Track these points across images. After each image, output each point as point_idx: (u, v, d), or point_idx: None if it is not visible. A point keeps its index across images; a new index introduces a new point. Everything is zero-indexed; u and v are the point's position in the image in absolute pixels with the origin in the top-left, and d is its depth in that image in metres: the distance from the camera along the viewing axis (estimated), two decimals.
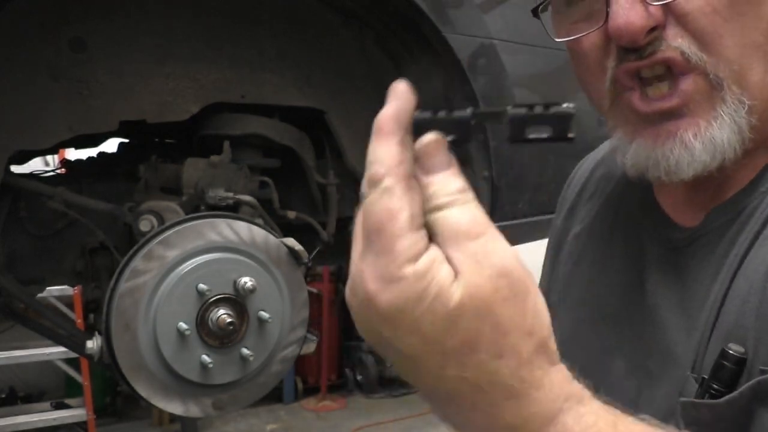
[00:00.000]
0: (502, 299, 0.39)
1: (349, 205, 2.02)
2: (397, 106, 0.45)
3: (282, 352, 1.58)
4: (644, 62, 0.58)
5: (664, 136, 0.59)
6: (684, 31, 0.57)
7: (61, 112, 1.55)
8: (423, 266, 0.39)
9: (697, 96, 0.58)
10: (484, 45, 1.68)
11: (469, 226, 0.40)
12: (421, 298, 0.39)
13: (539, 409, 0.41)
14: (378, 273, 0.40)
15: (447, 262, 0.40)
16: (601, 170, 0.82)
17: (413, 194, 0.40)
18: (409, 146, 0.42)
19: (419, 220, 0.40)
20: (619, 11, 0.56)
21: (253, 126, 1.76)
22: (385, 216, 0.40)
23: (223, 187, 1.67)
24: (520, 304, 0.40)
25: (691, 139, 0.58)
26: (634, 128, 0.62)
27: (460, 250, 0.40)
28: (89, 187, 1.79)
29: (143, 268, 1.43)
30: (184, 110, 1.67)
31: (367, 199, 0.41)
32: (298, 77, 1.78)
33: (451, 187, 0.41)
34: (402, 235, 0.39)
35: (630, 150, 0.62)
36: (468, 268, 0.39)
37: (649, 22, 0.56)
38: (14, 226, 1.72)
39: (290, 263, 1.57)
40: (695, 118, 0.58)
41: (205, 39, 1.67)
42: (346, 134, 1.85)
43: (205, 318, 1.45)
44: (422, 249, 0.39)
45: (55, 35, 1.53)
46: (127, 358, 1.42)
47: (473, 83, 1.64)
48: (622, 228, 0.73)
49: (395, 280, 0.39)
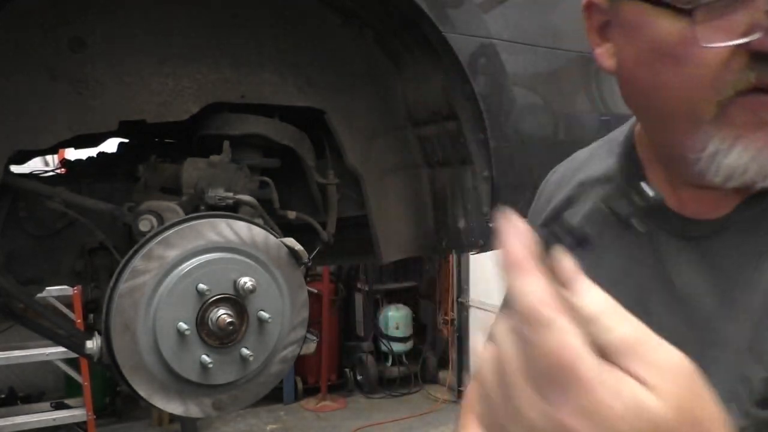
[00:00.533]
0: (693, 396, 0.40)
1: (349, 205, 2.02)
2: (518, 233, 0.42)
3: (282, 352, 1.58)
4: None
5: None
6: None
7: (61, 112, 1.55)
8: (611, 382, 0.38)
9: None
10: (484, 45, 1.67)
11: (636, 336, 0.40)
12: (622, 417, 0.38)
13: None
14: (576, 408, 0.38)
15: (630, 377, 0.39)
16: (581, 177, 0.83)
17: (575, 323, 0.39)
18: (545, 274, 0.41)
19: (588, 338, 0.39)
20: None
21: (253, 126, 1.76)
22: (566, 353, 0.38)
23: (223, 187, 1.66)
24: (705, 395, 0.41)
25: None
26: (740, 132, 0.61)
27: (638, 361, 0.39)
28: (89, 187, 1.78)
29: (143, 268, 1.43)
30: (183, 110, 1.66)
31: (533, 338, 0.39)
32: (298, 77, 1.78)
33: (601, 302, 0.41)
34: (592, 368, 0.38)
35: (734, 152, 0.61)
36: (653, 376, 0.39)
37: None
38: (14, 226, 1.72)
39: (290, 263, 1.57)
40: None
41: (205, 39, 1.67)
42: (346, 134, 1.85)
43: (205, 318, 1.45)
44: (606, 371, 0.38)
45: (55, 35, 1.53)
46: (127, 358, 1.41)
47: (473, 83, 1.63)
48: (628, 228, 0.74)
49: (602, 409, 0.38)
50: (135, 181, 1.73)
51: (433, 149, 1.88)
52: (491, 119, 1.67)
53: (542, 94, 1.90)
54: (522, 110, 1.78)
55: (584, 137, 2.00)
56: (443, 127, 1.79)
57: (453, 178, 1.85)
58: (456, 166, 1.82)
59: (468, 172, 1.76)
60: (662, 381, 0.39)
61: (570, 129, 1.95)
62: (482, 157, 1.71)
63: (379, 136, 1.92)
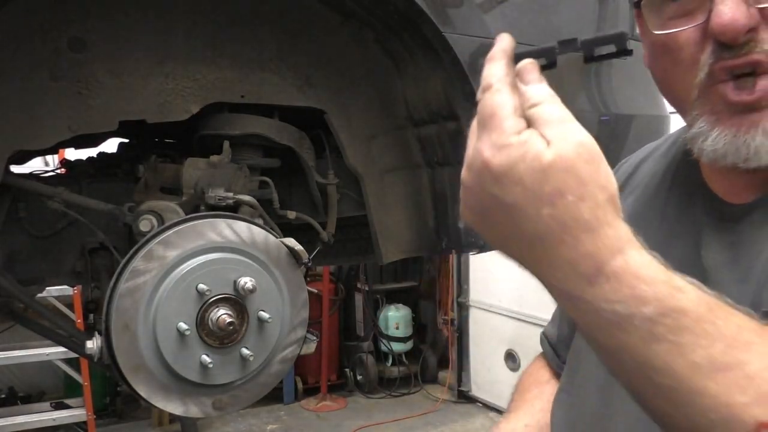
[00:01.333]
0: (583, 161, 0.52)
1: (349, 205, 2.02)
2: (503, 43, 0.58)
3: (282, 352, 1.58)
4: (739, 61, 0.66)
5: (747, 125, 0.67)
6: None
7: (61, 112, 1.55)
8: (524, 136, 0.53)
9: None
10: (484, 45, 1.67)
11: (560, 115, 0.54)
12: (523, 158, 0.52)
13: (609, 242, 0.52)
14: (491, 143, 0.54)
15: (541, 137, 0.53)
16: (648, 167, 0.92)
17: (516, 95, 0.55)
18: (512, 67, 0.57)
19: (520, 111, 0.54)
20: (725, 9, 0.64)
21: (253, 126, 1.76)
22: (496, 105, 0.54)
23: (223, 187, 1.66)
24: (596, 166, 0.53)
25: None
26: (717, 117, 0.69)
27: (552, 129, 0.53)
28: (89, 187, 1.78)
29: (143, 268, 1.42)
30: (183, 110, 1.66)
31: (482, 98, 0.56)
32: (298, 77, 1.78)
33: (544, 91, 0.56)
34: (509, 116, 0.53)
35: (711, 136, 0.69)
36: (557, 139, 0.53)
37: (750, 22, 0.64)
38: (14, 226, 1.71)
39: (290, 263, 1.57)
40: None
41: (205, 39, 1.67)
42: (346, 134, 1.85)
43: (205, 318, 1.44)
44: (524, 126, 0.54)
45: (55, 35, 1.53)
46: (127, 358, 1.41)
47: (473, 83, 1.63)
48: (674, 208, 0.83)
49: (505, 147, 0.53)
50: (135, 181, 1.73)
51: (433, 149, 1.88)
52: None
53: None
54: None
55: None
56: (443, 127, 1.79)
57: (453, 178, 1.85)
58: (456, 166, 1.82)
59: None
60: (563, 144, 0.52)
61: None
62: None
63: (379, 136, 1.92)
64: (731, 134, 0.67)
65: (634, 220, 0.87)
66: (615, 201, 0.53)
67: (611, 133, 1.99)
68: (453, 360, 5.62)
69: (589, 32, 1.86)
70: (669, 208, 0.83)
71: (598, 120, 1.98)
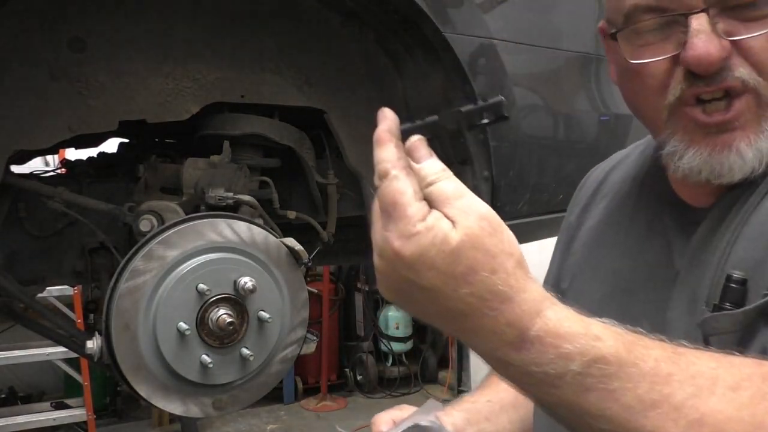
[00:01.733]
0: (487, 234, 0.55)
1: (349, 205, 2.02)
2: (388, 123, 0.60)
3: (282, 352, 1.58)
4: (711, 88, 0.69)
5: (721, 145, 0.71)
6: (746, 62, 0.69)
7: (61, 112, 1.55)
8: (430, 221, 0.55)
9: (748, 114, 0.70)
10: (484, 45, 1.67)
11: (454, 191, 0.57)
12: (433, 244, 0.54)
13: (527, 306, 0.55)
14: (399, 233, 0.55)
15: (445, 218, 0.55)
16: (617, 174, 0.96)
17: (412, 178, 0.57)
18: (401, 148, 0.59)
19: (420, 194, 0.56)
20: (699, 43, 0.67)
21: (253, 126, 1.76)
22: (397, 194, 0.56)
23: (223, 187, 1.66)
24: (499, 235, 0.56)
25: (744, 149, 0.70)
26: (691, 137, 0.73)
27: (452, 207, 0.56)
28: (89, 187, 1.78)
29: (143, 268, 1.43)
30: (183, 110, 1.66)
31: (380, 187, 0.57)
32: (298, 77, 1.78)
33: (436, 168, 0.59)
34: (411, 204, 0.55)
35: (687, 155, 0.73)
36: (460, 217, 0.55)
37: (723, 54, 0.67)
38: (14, 226, 1.71)
39: (290, 263, 1.57)
40: (746, 132, 0.70)
41: (205, 39, 1.67)
42: (346, 134, 1.85)
43: (205, 318, 1.45)
44: (427, 211, 0.55)
45: (55, 35, 1.53)
46: (127, 358, 1.41)
47: (473, 83, 1.63)
48: (645, 213, 0.86)
49: (413, 235, 0.55)
50: (135, 181, 1.73)
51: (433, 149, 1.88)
52: None
53: (542, 94, 1.90)
54: (522, 110, 1.78)
55: (584, 137, 2.01)
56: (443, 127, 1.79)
57: None
58: (456, 166, 1.82)
59: (468, 172, 1.76)
60: (466, 222, 0.55)
61: (570, 129, 1.95)
62: (482, 157, 1.71)
63: None
64: (706, 153, 0.71)
65: (605, 224, 0.93)
66: (523, 264, 0.57)
67: (611, 133, 2.00)
68: (453, 360, 5.62)
69: (588, 32, 1.86)
70: (639, 214, 0.87)
71: (598, 120, 1.98)
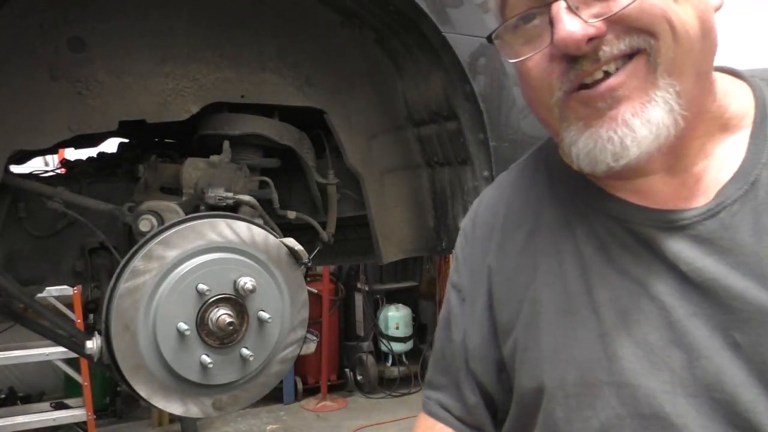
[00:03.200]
0: None
1: (349, 205, 2.02)
2: None
3: (282, 353, 1.58)
4: (593, 68, 0.68)
5: (608, 120, 0.68)
6: (630, 31, 0.67)
7: (61, 112, 1.55)
8: None
9: (635, 81, 0.67)
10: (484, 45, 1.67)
11: None
12: None
13: None
14: None
15: None
16: (519, 199, 0.88)
17: None
18: None
19: None
20: (561, 25, 0.67)
21: (253, 126, 1.76)
22: None
23: (222, 187, 1.66)
24: None
25: (630, 118, 0.67)
26: (583, 121, 0.70)
27: None
28: (89, 187, 1.78)
29: (143, 268, 1.42)
30: (183, 110, 1.66)
31: None
32: (298, 77, 1.78)
33: None
34: None
35: (581, 140, 0.70)
36: None
37: (588, 32, 0.66)
38: (14, 226, 1.71)
39: (290, 263, 1.57)
40: (632, 101, 0.67)
41: (205, 39, 1.67)
42: (346, 134, 1.85)
43: (205, 318, 1.45)
44: None
45: (55, 35, 1.53)
46: (127, 358, 1.41)
47: (473, 83, 1.63)
48: (586, 234, 0.77)
49: None
50: (135, 181, 1.73)
51: (433, 149, 1.88)
52: (491, 119, 1.67)
53: None
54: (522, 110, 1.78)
55: None
56: (443, 127, 1.79)
57: (453, 178, 1.85)
58: (456, 166, 1.82)
59: (468, 172, 1.76)
60: None
61: None
62: (482, 157, 1.71)
63: (379, 136, 1.92)
64: (596, 133, 0.69)
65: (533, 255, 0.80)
66: None
67: None
68: None
69: None
70: (576, 235, 0.77)
71: None
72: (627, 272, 0.73)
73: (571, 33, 0.66)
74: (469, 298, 0.90)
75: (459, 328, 0.90)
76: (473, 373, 0.88)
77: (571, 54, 0.68)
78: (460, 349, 0.90)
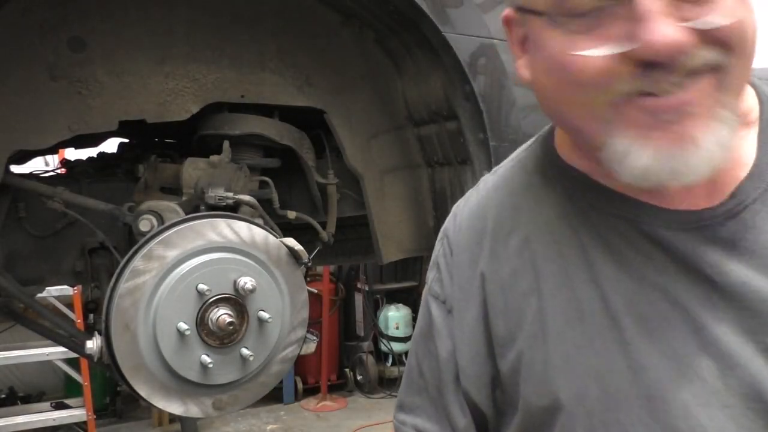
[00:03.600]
0: None
1: (349, 205, 2.02)
2: None
3: (282, 352, 1.58)
4: (672, 77, 0.59)
5: (672, 135, 0.60)
6: (707, 43, 0.59)
7: (61, 112, 1.55)
8: None
9: (705, 97, 0.60)
10: (484, 45, 1.67)
11: None
12: None
13: None
14: None
15: None
16: (510, 202, 0.80)
17: None
18: None
19: None
20: (653, 27, 0.57)
21: (253, 126, 1.76)
22: None
23: (222, 187, 1.66)
24: None
25: (699, 136, 0.60)
26: (642, 131, 0.61)
27: None
28: (89, 187, 1.79)
29: (143, 268, 1.42)
30: (183, 110, 1.66)
31: None
32: (298, 77, 1.78)
33: None
34: None
35: (642, 152, 0.61)
36: None
37: (682, 39, 0.57)
38: (14, 226, 1.72)
39: (290, 263, 1.57)
40: (700, 118, 0.60)
41: (205, 39, 1.67)
42: (346, 134, 1.85)
43: (205, 318, 1.44)
44: None
45: (55, 35, 1.53)
46: (127, 358, 1.41)
47: (473, 83, 1.63)
48: (590, 235, 0.71)
49: None
50: (135, 181, 1.73)
51: (433, 149, 1.88)
52: (491, 119, 1.67)
53: None
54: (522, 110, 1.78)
55: None
56: (443, 127, 1.79)
57: (453, 178, 1.85)
58: (456, 166, 1.82)
59: (468, 172, 1.76)
60: None
61: None
62: (482, 157, 1.71)
63: (379, 136, 1.92)
64: (656, 149, 0.61)
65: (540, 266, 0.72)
66: None
67: None
68: None
69: None
70: (589, 243, 0.71)
71: None
72: (642, 276, 0.67)
73: (666, 38, 0.57)
74: (456, 310, 0.81)
75: (445, 343, 0.82)
76: (465, 391, 0.79)
77: (658, 61, 0.59)
78: (447, 366, 0.81)
